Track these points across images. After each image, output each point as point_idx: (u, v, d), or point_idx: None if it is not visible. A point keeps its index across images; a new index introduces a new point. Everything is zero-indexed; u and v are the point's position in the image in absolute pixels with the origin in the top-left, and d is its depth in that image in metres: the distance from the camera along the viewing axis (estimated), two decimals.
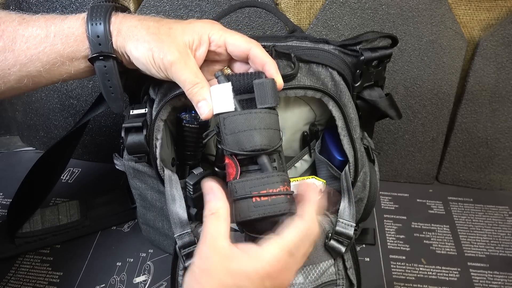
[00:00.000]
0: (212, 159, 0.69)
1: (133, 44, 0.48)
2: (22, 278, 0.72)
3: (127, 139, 0.56)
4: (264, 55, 0.49)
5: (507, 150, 0.84)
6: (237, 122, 0.45)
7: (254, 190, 0.43)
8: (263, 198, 0.43)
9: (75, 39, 0.49)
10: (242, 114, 0.45)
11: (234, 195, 0.44)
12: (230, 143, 0.45)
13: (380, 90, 0.62)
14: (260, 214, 0.42)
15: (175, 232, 0.54)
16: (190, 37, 0.49)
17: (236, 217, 0.43)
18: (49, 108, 0.89)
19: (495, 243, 0.78)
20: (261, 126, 0.45)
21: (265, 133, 0.45)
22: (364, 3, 0.73)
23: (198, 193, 0.59)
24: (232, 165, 0.45)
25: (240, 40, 0.50)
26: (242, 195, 0.43)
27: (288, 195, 0.44)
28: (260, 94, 0.46)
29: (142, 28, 0.49)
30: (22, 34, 0.48)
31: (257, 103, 0.46)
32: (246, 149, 0.44)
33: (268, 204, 0.43)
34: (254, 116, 0.45)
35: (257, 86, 0.46)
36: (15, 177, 0.73)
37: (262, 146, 0.44)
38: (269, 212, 0.43)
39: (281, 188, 0.43)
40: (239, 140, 0.44)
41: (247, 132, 0.44)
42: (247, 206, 0.43)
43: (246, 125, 0.45)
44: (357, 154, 0.57)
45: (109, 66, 0.50)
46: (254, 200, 0.43)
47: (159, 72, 0.48)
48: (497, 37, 0.74)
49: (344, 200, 0.57)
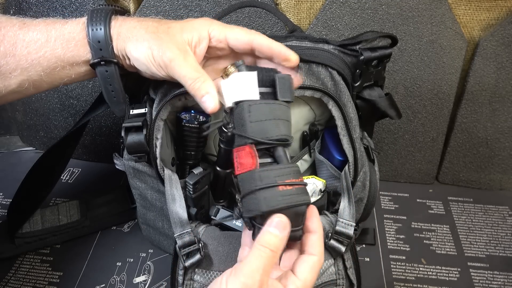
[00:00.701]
0: (212, 159, 0.69)
1: (133, 45, 0.48)
2: (22, 278, 0.72)
3: (127, 138, 0.56)
4: (269, 41, 0.50)
5: (507, 150, 0.84)
6: (263, 110, 0.44)
7: (280, 180, 0.42)
8: (289, 187, 0.42)
9: (75, 44, 0.49)
10: (268, 103, 0.45)
11: (257, 184, 0.42)
12: (254, 130, 0.44)
13: (380, 90, 0.62)
14: (288, 203, 0.41)
15: (175, 231, 0.54)
16: (189, 35, 0.49)
17: (262, 207, 0.41)
18: (49, 108, 0.89)
19: (495, 243, 0.78)
20: (283, 117, 0.45)
21: (287, 124, 0.45)
22: (364, 3, 0.73)
23: (198, 193, 0.60)
24: (253, 154, 0.43)
25: (241, 33, 0.50)
26: (268, 184, 0.42)
27: (305, 185, 0.44)
28: (281, 87, 0.46)
29: (141, 28, 0.49)
30: (23, 39, 0.49)
31: (279, 95, 0.46)
32: (272, 137, 0.44)
33: (293, 193, 0.42)
34: (278, 107, 0.45)
35: (280, 80, 0.46)
36: (15, 177, 0.73)
37: (285, 135, 0.44)
38: (296, 201, 0.42)
39: (300, 179, 0.43)
40: (265, 128, 0.44)
41: (272, 121, 0.44)
42: (274, 195, 0.41)
43: (272, 114, 0.44)
44: (356, 154, 0.57)
45: (111, 71, 0.50)
46: (280, 189, 0.42)
47: (159, 70, 0.48)
48: (497, 37, 0.74)
49: (344, 199, 0.57)
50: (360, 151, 0.59)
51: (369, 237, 0.78)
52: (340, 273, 0.55)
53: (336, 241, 0.54)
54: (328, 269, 0.55)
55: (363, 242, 0.77)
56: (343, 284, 0.55)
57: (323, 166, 0.64)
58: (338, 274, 0.55)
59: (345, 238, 0.54)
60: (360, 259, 0.72)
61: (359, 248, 0.77)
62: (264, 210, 0.41)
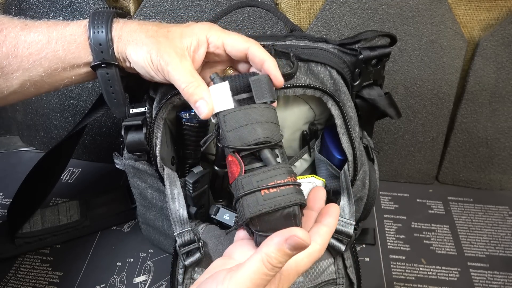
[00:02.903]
0: (211, 158, 0.69)
1: (133, 48, 0.49)
2: (22, 278, 0.72)
3: (127, 137, 0.56)
4: (262, 53, 0.50)
5: (507, 150, 0.84)
6: (237, 117, 0.44)
7: (262, 184, 0.41)
8: (272, 190, 0.41)
9: (77, 46, 0.50)
10: (242, 109, 0.45)
11: (240, 191, 0.42)
12: (232, 139, 0.44)
13: (379, 89, 0.62)
14: (271, 206, 0.41)
15: (175, 230, 0.54)
16: (188, 40, 0.49)
17: (246, 214, 0.41)
18: (49, 108, 0.89)
19: (495, 243, 0.78)
20: (262, 119, 0.45)
21: (266, 126, 0.45)
22: (364, 3, 0.74)
23: (197, 192, 0.60)
24: (236, 162, 0.44)
25: (238, 40, 0.50)
26: (249, 190, 0.41)
27: (297, 185, 0.43)
28: (257, 90, 0.46)
29: (141, 32, 0.49)
30: (24, 40, 0.49)
31: (256, 98, 0.46)
32: (250, 142, 0.43)
33: (278, 195, 0.41)
34: (254, 110, 0.45)
35: (254, 83, 0.46)
36: (15, 177, 0.73)
37: (265, 138, 0.44)
38: (280, 204, 0.41)
39: (289, 179, 0.42)
40: (241, 135, 0.44)
41: (248, 126, 0.44)
42: (256, 200, 0.41)
43: (247, 119, 0.44)
44: (356, 153, 0.57)
45: (111, 73, 0.51)
46: (263, 193, 0.41)
47: (157, 74, 0.49)
48: (497, 37, 0.74)
49: (343, 198, 0.57)
50: (360, 150, 0.59)
51: (369, 237, 0.78)
52: (340, 272, 0.55)
53: (336, 240, 0.54)
54: (328, 268, 0.55)
55: (363, 242, 0.77)
56: (343, 283, 0.55)
57: (322, 165, 0.64)
58: (338, 273, 0.55)
59: (345, 237, 0.54)
60: (360, 259, 0.72)
61: (359, 248, 0.77)
62: (247, 216, 0.41)
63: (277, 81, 0.49)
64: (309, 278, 0.53)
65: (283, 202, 0.41)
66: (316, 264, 0.54)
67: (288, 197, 0.41)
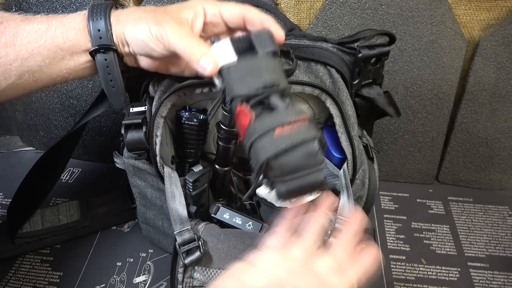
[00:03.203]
0: (212, 158, 0.69)
1: (131, 26, 0.49)
2: (22, 278, 0.72)
3: (127, 136, 0.56)
4: (259, 14, 0.51)
5: (507, 150, 0.84)
6: (242, 67, 0.44)
7: (275, 124, 0.39)
8: (287, 127, 0.39)
9: (75, 33, 0.50)
10: (246, 60, 0.45)
11: (253, 134, 0.39)
12: (239, 88, 0.43)
13: (378, 88, 0.62)
14: (287, 144, 0.38)
15: (175, 229, 0.54)
16: (185, 12, 0.50)
17: (261, 156, 0.38)
18: (49, 108, 0.89)
19: (495, 243, 0.78)
20: (267, 67, 0.44)
21: (272, 72, 0.44)
22: (364, 3, 0.74)
23: (197, 191, 0.60)
24: (245, 112, 0.41)
25: (234, 6, 0.51)
26: (263, 131, 0.39)
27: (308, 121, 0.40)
28: (258, 41, 0.46)
29: (139, 11, 0.50)
30: (24, 29, 0.49)
31: (258, 49, 0.46)
32: (258, 86, 0.42)
33: (294, 132, 0.39)
34: (258, 60, 0.45)
35: (255, 36, 0.46)
36: (15, 177, 0.72)
37: (272, 81, 0.42)
38: (296, 141, 0.38)
39: (303, 116, 0.40)
40: (248, 81, 0.43)
41: (254, 72, 0.43)
42: (272, 140, 0.38)
43: (252, 67, 0.44)
44: (355, 151, 0.57)
45: (110, 59, 0.51)
46: (277, 133, 0.39)
47: (157, 44, 0.49)
48: (497, 37, 0.74)
49: (343, 197, 0.57)
50: (359, 149, 0.59)
51: None
52: None
53: None
54: None
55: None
56: None
57: None
58: None
59: None
60: None
61: None
62: (263, 158, 0.38)
63: (278, 35, 0.49)
64: None
65: (301, 138, 0.38)
66: None
67: (304, 133, 0.39)
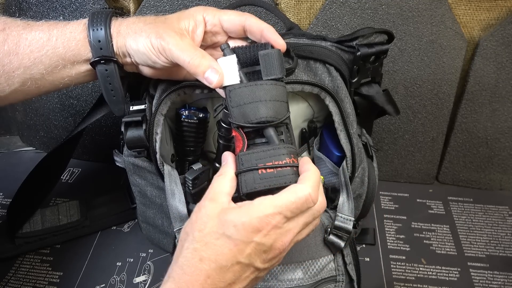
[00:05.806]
0: (211, 156, 0.69)
1: (132, 38, 0.49)
2: (22, 278, 0.72)
3: (127, 133, 0.56)
4: (259, 22, 0.50)
5: (507, 150, 0.84)
6: (242, 94, 0.45)
7: (260, 162, 0.43)
8: (269, 170, 0.43)
9: (76, 43, 0.50)
10: (247, 86, 0.45)
11: (240, 167, 0.44)
12: (236, 116, 0.45)
13: (377, 86, 0.62)
14: (266, 185, 0.43)
15: (175, 226, 0.54)
16: (185, 22, 0.50)
17: (242, 189, 0.43)
18: (49, 108, 0.89)
19: (495, 243, 0.78)
20: (266, 98, 0.45)
21: (271, 105, 0.45)
22: (364, 3, 0.74)
23: (197, 189, 0.60)
24: (239, 138, 0.45)
25: (233, 15, 0.51)
26: (248, 167, 0.43)
27: (295, 167, 0.44)
28: (266, 65, 0.46)
29: (139, 23, 0.50)
30: (26, 38, 0.50)
31: (263, 75, 0.46)
32: (252, 121, 0.44)
33: (274, 176, 0.43)
34: (259, 88, 0.45)
35: (263, 58, 0.46)
36: (15, 177, 0.73)
37: (268, 118, 0.44)
38: (274, 184, 0.43)
39: (287, 160, 0.44)
40: (245, 112, 0.44)
41: (252, 104, 0.44)
42: (253, 178, 0.43)
43: (251, 97, 0.44)
44: (354, 149, 0.57)
45: (110, 70, 0.51)
46: (260, 172, 0.43)
47: (159, 57, 0.49)
48: (497, 37, 0.74)
49: (342, 195, 0.57)
50: (358, 147, 0.60)
51: (369, 237, 0.78)
52: (340, 269, 0.56)
53: (335, 236, 0.55)
54: (327, 265, 0.55)
55: (363, 242, 0.77)
56: (343, 280, 0.55)
57: (322, 163, 0.64)
58: (337, 270, 0.55)
59: (345, 233, 0.55)
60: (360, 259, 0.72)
61: (359, 248, 0.77)
62: (243, 191, 0.44)
63: (278, 45, 0.49)
64: (309, 275, 0.54)
65: (278, 182, 0.43)
66: (316, 261, 0.54)
67: (283, 178, 0.43)
